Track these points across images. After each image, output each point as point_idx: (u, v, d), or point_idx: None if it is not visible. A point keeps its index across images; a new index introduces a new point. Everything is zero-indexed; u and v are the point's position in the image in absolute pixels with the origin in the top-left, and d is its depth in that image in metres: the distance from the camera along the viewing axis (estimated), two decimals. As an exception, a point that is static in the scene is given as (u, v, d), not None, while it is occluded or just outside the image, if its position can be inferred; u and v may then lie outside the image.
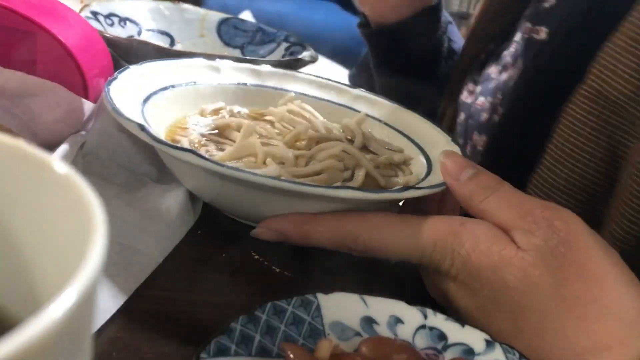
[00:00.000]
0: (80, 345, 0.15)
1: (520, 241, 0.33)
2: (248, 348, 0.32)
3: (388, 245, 0.37)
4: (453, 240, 0.35)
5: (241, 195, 0.40)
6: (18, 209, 0.19)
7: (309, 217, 0.38)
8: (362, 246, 0.38)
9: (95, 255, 0.14)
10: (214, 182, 0.40)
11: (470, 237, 0.34)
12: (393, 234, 0.37)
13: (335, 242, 0.38)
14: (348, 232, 0.38)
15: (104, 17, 0.70)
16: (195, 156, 0.37)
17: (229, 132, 0.49)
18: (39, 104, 0.47)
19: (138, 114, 0.43)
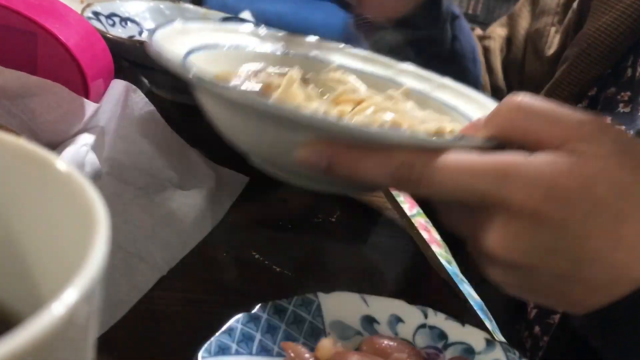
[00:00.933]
0: (82, 344, 0.15)
1: (595, 150, 0.32)
2: (249, 347, 0.32)
3: (447, 176, 0.32)
4: (527, 169, 0.31)
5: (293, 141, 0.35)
6: (20, 208, 0.19)
7: (359, 149, 0.34)
8: (417, 177, 0.33)
9: (97, 254, 0.15)
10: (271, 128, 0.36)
11: (543, 163, 0.32)
12: (449, 166, 0.32)
13: (385, 174, 0.33)
14: (402, 162, 0.33)
15: (105, 18, 0.70)
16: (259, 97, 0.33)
17: (271, 92, 0.44)
18: (39, 104, 0.47)
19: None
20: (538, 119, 0.33)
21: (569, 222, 0.31)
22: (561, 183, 0.31)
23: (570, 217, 0.31)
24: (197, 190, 0.47)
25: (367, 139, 0.33)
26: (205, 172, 0.51)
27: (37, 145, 0.18)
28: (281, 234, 0.49)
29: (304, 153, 0.34)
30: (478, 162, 0.32)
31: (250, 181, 0.53)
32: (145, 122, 0.50)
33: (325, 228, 0.51)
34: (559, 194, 0.31)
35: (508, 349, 0.36)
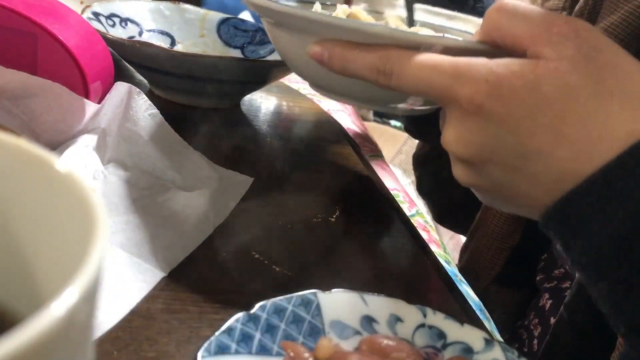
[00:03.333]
0: (82, 344, 0.15)
1: (551, 54, 0.33)
2: (248, 346, 0.32)
3: (410, 72, 0.36)
4: (481, 68, 0.34)
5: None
6: (20, 208, 0.19)
7: (352, 44, 0.39)
8: (390, 69, 0.37)
9: (97, 254, 0.15)
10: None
11: (499, 64, 0.34)
12: (417, 61, 0.36)
13: (366, 66, 0.38)
14: (381, 55, 0.38)
15: (105, 18, 0.70)
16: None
17: None
18: (39, 104, 0.47)
19: None
20: (515, 20, 0.35)
21: (513, 118, 0.33)
22: (508, 81, 0.33)
23: (514, 113, 0.33)
24: (200, 192, 0.48)
25: (352, 32, 0.39)
26: (208, 174, 0.51)
27: (37, 146, 0.18)
28: (281, 234, 0.49)
29: (313, 48, 0.40)
30: (440, 60, 0.35)
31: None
32: (148, 124, 0.50)
33: (325, 228, 0.51)
34: (505, 91, 0.33)
35: (507, 349, 0.36)
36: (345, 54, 0.39)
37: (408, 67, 0.36)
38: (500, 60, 0.34)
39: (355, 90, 0.42)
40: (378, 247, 0.52)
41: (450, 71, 0.35)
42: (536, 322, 0.59)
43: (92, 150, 0.47)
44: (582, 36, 0.34)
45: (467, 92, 0.34)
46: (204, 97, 0.68)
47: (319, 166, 0.64)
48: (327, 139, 0.72)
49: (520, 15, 0.35)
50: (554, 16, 0.35)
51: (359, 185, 0.63)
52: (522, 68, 0.33)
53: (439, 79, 0.35)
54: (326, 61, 0.40)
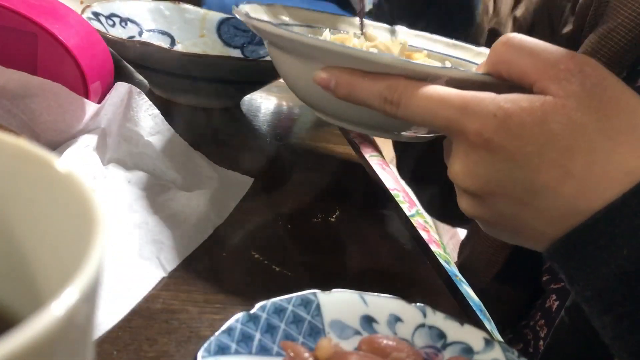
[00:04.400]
0: (82, 344, 0.15)
1: (558, 91, 0.34)
2: (248, 346, 0.32)
3: (417, 103, 0.37)
4: (489, 103, 0.35)
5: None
6: (20, 208, 0.19)
7: (359, 72, 0.40)
8: (397, 99, 0.38)
9: (96, 254, 0.15)
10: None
11: (507, 100, 0.34)
12: (425, 93, 0.37)
13: (374, 95, 0.39)
14: (387, 85, 0.38)
15: (105, 18, 0.70)
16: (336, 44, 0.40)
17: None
18: (39, 103, 0.47)
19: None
20: (521, 54, 0.36)
21: (520, 153, 0.34)
22: (517, 116, 0.34)
23: (522, 148, 0.34)
24: (200, 192, 0.48)
25: (361, 61, 0.39)
26: (209, 174, 0.51)
27: (37, 146, 0.18)
28: (281, 234, 0.49)
29: (319, 74, 0.41)
30: (448, 92, 0.36)
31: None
32: (148, 124, 0.50)
33: (325, 228, 0.51)
34: (513, 126, 0.34)
35: (507, 349, 0.36)
36: (352, 81, 0.40)
37: (416, 98, 0.37)
38: (508, 95, 0.35)
39: (358, 116, 0.43)
40: (378, 247, 0.52)
41: (459, 104, 0.35)
42: (542, 323, 0.59)
43: (92, 150, 0.47)
44: (586, 72, 0.34)
45: (475, 126, 0.34)
46: (204, 97, 0.68)
47: (319, 166, 0.64)
48: (327, 139, 0.72)
49: (527, 50, 0.36)
50: (560, 52, 0.35)
51: (359, 185, 0.63)
52: (530, 104, 0.34)
53: (447, 112, 0.35)
54: (332, 88, 0.40)
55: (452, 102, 0.35)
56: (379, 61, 0.39)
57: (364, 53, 0.40)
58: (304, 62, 0.43)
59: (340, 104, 0.41)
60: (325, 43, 0.41)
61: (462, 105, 0.35)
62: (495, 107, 0.34)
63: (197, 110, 0.68)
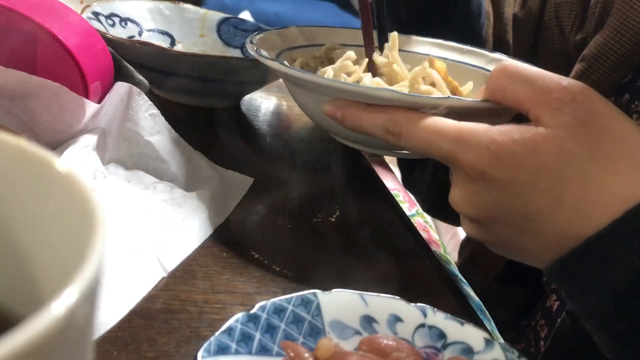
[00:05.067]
0: (81, 344, 0.15)
1: (550, 121, 0.35)
2: (248, 346, 0.32)
3: (416, 135, 0.39)
4: (482, 136, 0.36)
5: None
6: (20, 208, 0.19)
7: (365, 105, 0.42)
8: (398, 131, 0.40)
9: (96, 254, 0.15)
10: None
11: (500, 132, 0.36)
12: (423, 125, 0.38)
13: (376, 127, 0.41)
14: (389, 118, 0.40)
15: (105, 18, 0.70)
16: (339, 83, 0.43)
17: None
18: (39, 104, 0.47)
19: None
20: (516, 82, 0.37)
21: (514, 183, 0.35)
22: (509, 148, 0.35)
23: (515, 178, 0.35)
24: (201, 192, 0.48)
25: (360, 95, 0.42)
26: (209, 174, 0.51)
27: (37, 146, 0.18)
28: (281, 234, 0.49)
29: (327, 106, 0.44)
30: (445, 125, 0.38)
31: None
32: (148, 124, 0.50)
33: (325, 228, 0.51)
34: (505, 158, 0.35)
35: (507, 349, 0.36)
36: (356, 114, 0.42)
37: (415, 130, 0.39)
38: (502, 127, 0.36)
39: (369, 139, 0.45)
40: (378, 247, 0.52)
41: (454, 137, 0.37)
42: (542, 323, 0.59)
43: (92, 150, 0.47)
44: (578, 101, 0.35)
45: (469, 158, 0.36)
46: (204, 96, 0.68)
47: (319, 166, 0.64)
48: (327, 139, 0.72)
49: (522, 78, 0.37)
50: (553, 80, 0.37)
51: (359, 185, 0.63)
52: (522, 136, 0.35)
53: (443, 144, 0.37)
54: (339, 119, 0.43)
55: (448, 135, 0.37)
56: (375, 95, 0.41)
57: (363, 89, 0.42)
58: (313, 95, 0.46)
59: (347, 130, 0.44)
60: (327, 81, 0.44)
61: (458, 137, 0.37)
62: (488, 139, 0.36)
63: (197, 110, 0.68)
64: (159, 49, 0.63)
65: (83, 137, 0.48)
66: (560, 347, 0.52)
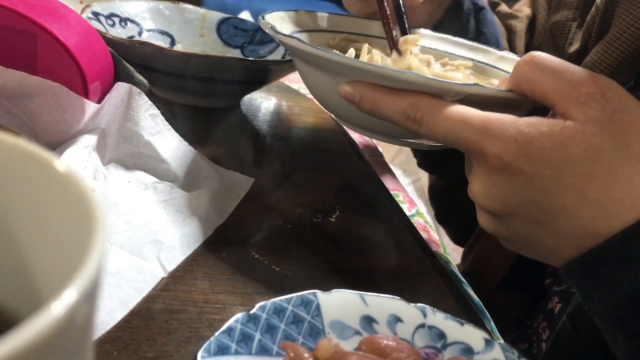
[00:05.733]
0: (81, 344, 0.15)
1: (578, 115, 0.34)
2: (248, 347, 0.32)
3: (439, 123, 0.37)
4: (509, 127, 0.35)
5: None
6: (20, 208, 0.19)
7: (383, 88, 0.40)
8: (420, 118, 0.38)
9: (96, 254, 0.15)
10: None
11: (528, 124, 0.35)
12: (447, 113, 0.37)
13: (397, 112, 0.39)
14: (412, 103, 0.39)
15: (105, 18, 0.70)
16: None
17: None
18: (39, 104, 0.47)
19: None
20: (544, 74, 0.36)
21: (539, 177, 0.34)
22: (537, 141, 0.34)
23: (541, 172, 0.34)
24: (201, 192, 0.48)
25: (383, 77, 0.40)
26: (209, 174, 0.51)
27: (37, 146, 0.18)
28: (281, 234, 0.49)
29: (344, 88, 0.42)
30: (470, 114, 0.36)
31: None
32: (148, 124, 0.50)
33: (325, 228, 0.51)
34: (533, 151, 0.34)
35: (507, 349, 0.36)
36: (375, 97, 0.40)
37: (438, 118, 0.37)
38: (529, 119, 0.35)
39: (382, 127, 0.43)
40: (378, 247, 0.52)
41: (480, 127, 0.36)
42: (544, 326, 0.58)
43: (92, 151, 0.47)
44: (607, 97, 0.35)
45: (495, 149, 0.35)
46: (204, 97, 0.68)
47: (319, 166, 0.64)
48: (327, 139, 0.72)
49: (550, 70, 0.36)
50: (583, 74, 0.36)
51: (359, 185, 0.63)
52: (550, 129, 0.34)
53: (468, 133, 0.36)
54: (356, 102, 0.41)
55: (473, 124, 0.36)
56: (402, 78, 0.39)
57: (388, 70, 0.40)
58: (329, 76, 0.44)
59: (363, 115, 0.42)
60: (350, 60, 0.41)
61: (483, 127, 0.36)
62: (515, 131, 0.35)
63: (197, 110, 0.68)
64: (159, 49, 0.63)
65: (83, 137, 0.48)
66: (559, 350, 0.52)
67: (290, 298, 0.35)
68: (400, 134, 0.44)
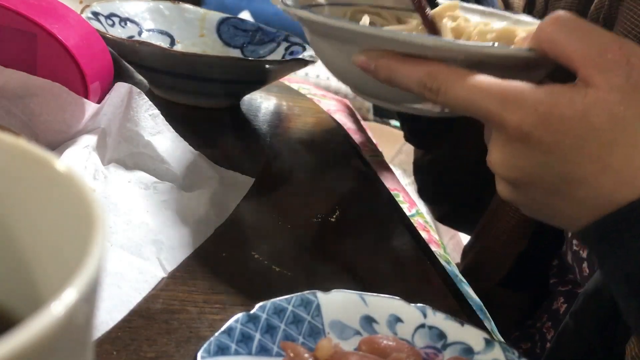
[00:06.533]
0: (81, 344, 0.15)
1: (601, 83, 0.33)
2: (248, 347, 0.32)
3: (457, 93, 0.36)
4: (529, 96, 0.34)
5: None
6: (20, 208, 0.19)
7: (399, 55, 0.39)
8: (437, 87, 0.37)
9: (96, 254, 0.15)
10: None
11: (548, 92, 0.34)
12: (466, 83, 0.36)
13: (413, 81, 0.38)
14: (429, 72, 0.37)
15: (105, 18, 0.70)
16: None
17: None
18: (39, 104, 0.47)
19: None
20: (569, 37, 0.35)
21: (560, 146, 0.34)
22: (558, 110, 0.34)
23: (561, 142, 0.34)
24: (201, 192, 0.48)
25: (397, 43, 0.39)
26: (209, 174, 0.51)
27: (37, 146, 0.18)
28: (281, 234, 0.49)
29: (359, 57, 0.40)
30: (489, 83, 0.35)
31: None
32: (148, 124, 0.50)
33: (325, 228, 0.51)
34: (553, 120, 0.34)
35: (507, 349, 0.36)
36: (391, 65, 0.39)
37: (456, 88, 0.36)
38: (549, 87, 0.34)
39: (400, 96, 0.42)
40: (378, 247, 0.52)
41: (499, 96, 0.35)
42: (549, 326, 0.58)
43: (92, 151, 0.47)
44: (632, 64, 0.34)
45: (515, 119, 0.34)
46: (204, 97, 0.68)
47: (319, 166, 0.64)
48: (327, 139, 0.72)
49: (576, 34, 0.35)
50: (608, 38, 0.35)
51: (359, 185, 0.63)
52: (571, 97, 0.34)
53: (487, 103, 0.35)
54: (372, 71, 0.40)
55: (492, 94, 0.35)
56: (417, 42, 0.38)
57: (401, 35, 0.39)
58: (343, 47, 0.43)
59: (381, 85, 0.40)
60: (363, 28, 0.41)
61: (503, 97, 0.35)
62: (536, 100, 0.34)
63: (197, 110, 0.68)
64: (159, 49, 0.63)
65: (83, 137, 0.48)
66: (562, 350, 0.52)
67: (290, 298, 0.35)
68: (419, 102, 0.43)
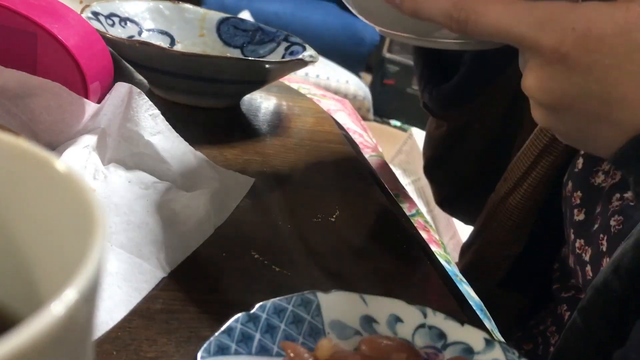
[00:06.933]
0: (81, 345, 0.15)
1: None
2: (248, 347, 0.32)
3: (487, 22, 0.35)
4: (566, 15, 0.33)
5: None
6: (20, 208, 0.19)
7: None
8: (465, 16, 0.36)
9: (96, 254, 0.15)
10: None
11: (586, 10, 0.33)
12: (494, 10, 0.35)
13: (440, 12, 0.37)
14: (454, 2, 0.36)
15: (105, 18, 0.70)
16: None
17: None
18: (39, 104, 0.47)
19: None
20: None
21: (599, 67, 0.33)
22: (597, 29, 0.32)
23: (601, 61, 0.33)
24: (201, 192, 0.48)
25: None
26: (209, 174, 0.51)
27: (37, 146, 0.18)
28: (281, 234, 0.49)
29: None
30: (521, 6, 0.34)
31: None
32: (149, 124, 0.50)
33: (325, 228, 0.51)
34: (592, 39, 0.32)
35: (507, 349, 0.36)
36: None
37: (485, 16, 0.35)
38: (588, 4, 0.33)
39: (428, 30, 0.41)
40: (378, 247, 0.52)
41: (533, 20, 0.34)
42: (553, 330, 0.58)
43: (92, 151, 0.47)
44: None
45: (551, 41, 0.33)
46: (204, 97, 0.68)
47: (319, 166, 0.64)
48: (327, 139, 0.72)
49: None
50: None
51: (359, 185, 0.63)
52: (612, 14, 0.32)
53: (520, 29, 0.34)
54: (398, 4, 0.39)
55: (524, 19, 0.34)
56: None
57: None
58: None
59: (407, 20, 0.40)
60: None
61: (537, 20, 0.34)
62: (573, 19, 0.33)
63: (197, 110, 0.68)
64: (159, 49, 0.63)
65: (83, 137, 0.48)
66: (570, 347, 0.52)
67: (290, 298, 0.35)
68: (449, 36, 0.42)
